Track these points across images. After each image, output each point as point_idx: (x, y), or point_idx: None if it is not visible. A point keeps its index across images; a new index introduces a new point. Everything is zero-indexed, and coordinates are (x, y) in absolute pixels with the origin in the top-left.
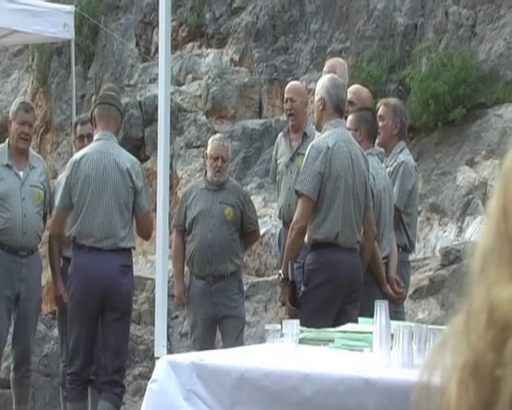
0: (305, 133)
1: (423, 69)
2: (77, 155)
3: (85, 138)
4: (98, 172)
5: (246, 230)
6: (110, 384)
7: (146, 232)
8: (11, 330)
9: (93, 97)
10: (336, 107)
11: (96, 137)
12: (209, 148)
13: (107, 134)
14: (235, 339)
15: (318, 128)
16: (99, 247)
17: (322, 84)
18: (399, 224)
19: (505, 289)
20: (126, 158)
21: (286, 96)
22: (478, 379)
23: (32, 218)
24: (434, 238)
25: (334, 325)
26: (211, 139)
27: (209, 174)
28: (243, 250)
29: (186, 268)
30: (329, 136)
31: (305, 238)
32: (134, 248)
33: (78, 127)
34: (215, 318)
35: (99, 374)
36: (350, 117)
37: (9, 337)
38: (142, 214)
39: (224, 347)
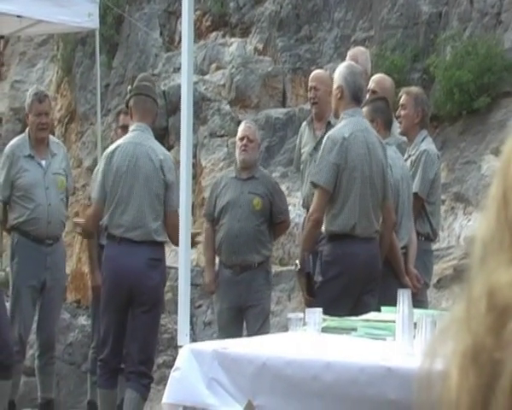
0: (329, 122)
1: (447, 58)
2: (111, 147)
3: (128, 128)
4: (130, 163)
5: (275, 220)
6: (137, 375)
7: (175, 231)
8: (36, 317)
9: (117, 87)
10: (354, 95)
11: (131, 129)
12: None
13: (141, 126)
14: (257, 329)
15: (336, 116)
16: (129, 237)
17: (339, 72)
18: (422, 213)
19: (505, 273)
20: (160, 150)
21: (310, 84)
22: (478, 364)
23: (57, 206)
24: (459, 227)
25: (351, 315)
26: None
27: (237, 157)
28: (272, 240)
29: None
30: (345, 125)
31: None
32: (165, 242)
33: (121, 117)
34: (241, 307)
35: (127, 362)
36: (364, 109)
37: (34, 325)
38: (173, 211)
39: (248, 336)
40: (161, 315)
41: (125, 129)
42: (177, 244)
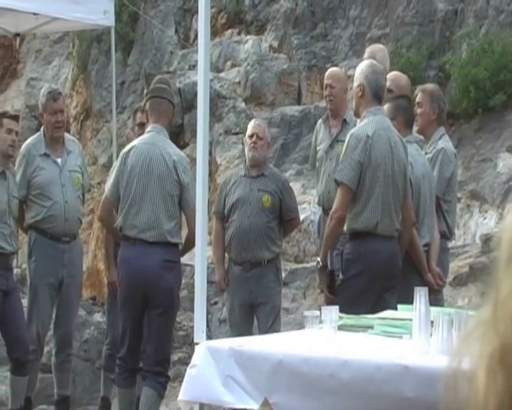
0: (344, 120)
1: (463, 55)
2: (126, 147)
3: (145, 126)
4: (144, 164)
5: (285, 217)
6: (153, 374)
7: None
8: (53, 315)
9: (132, 84)
10: (375, 93)
11: (147, 130)
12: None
13: (157, 127)
14: (268, 327)
15: (357, 115)
16: (143, 238)
17: (361, 70)
18: (438, 211)
19: None
20: (174, 152)
21: (325, 82)
22: (506, 367)
23: (73, 203)
24: (474, 225)
25: (371, 313)
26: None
27: (246, 154)
28: (282, 238)
29: (227, 254)
30: (368, 124)
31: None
32: (180, 244)
33: (138, 114)
34: (252, 304)
35: (144, 362)
36: (386, 106)
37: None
38: (191, 211)
39: (259, 334)
40: (177, 313)
41: (142, 126)
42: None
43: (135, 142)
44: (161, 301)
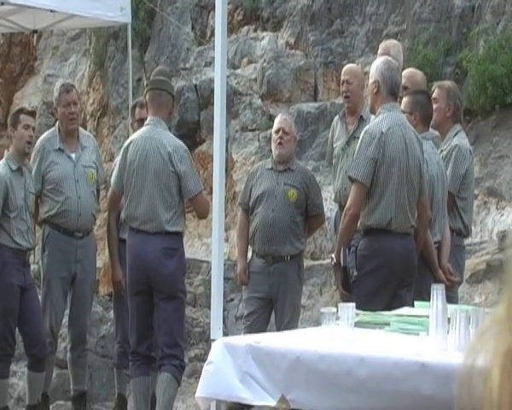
0: (361, 117)
1: (481, 52)
2: (126, 141)
3: (144, 121)
4: (141, 158)
5: (310, 213)
6: (167, 358)
7: (201, 213)
8: (68, 311)
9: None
10: (390, 90)
11: (145, 123)
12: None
13: (154, 119)
14: (285, 324)
15: (372, 111)
16: (144, 229)
17: (376, 66)
18: (453, 208)
19: None
20: (170, 142)
21: (342, 78)
22: None
23: (87, 199)
24: (491, 222)
25: (387, 310)
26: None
27: (273, 151)
28: (306, 235)
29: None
30: (383, 120)
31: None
32: (181, 232)
33: (137, 110)
34: (271, 298)
35: (157, 353)
36: (404, 100)
37: (66, 318)
38: (192, 198)
39: (276, 330)
40: (190, 308)
41: (141, 122)
42: (205, 217)
43: (134, 135)
44: (163, 287)
